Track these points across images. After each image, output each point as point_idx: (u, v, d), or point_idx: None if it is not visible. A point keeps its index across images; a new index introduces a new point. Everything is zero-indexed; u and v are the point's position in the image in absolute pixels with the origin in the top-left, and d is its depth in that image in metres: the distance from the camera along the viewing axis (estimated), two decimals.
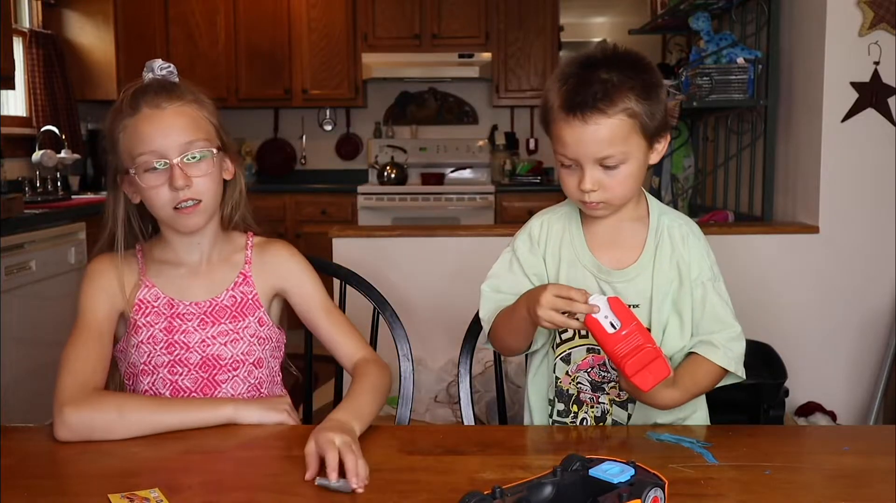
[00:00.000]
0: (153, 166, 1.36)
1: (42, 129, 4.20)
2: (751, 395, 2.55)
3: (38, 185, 4.17)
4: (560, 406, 1.47)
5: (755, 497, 1.10)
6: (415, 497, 1.09)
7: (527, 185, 5.28)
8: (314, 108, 5.65)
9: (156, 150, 1.36)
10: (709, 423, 1.50)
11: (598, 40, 7.72)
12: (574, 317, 1.25)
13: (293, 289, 1.50)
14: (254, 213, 1.53)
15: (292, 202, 5.07)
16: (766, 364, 2.70)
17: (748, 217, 3.43)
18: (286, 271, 1.51)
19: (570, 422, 1.45)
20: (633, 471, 1.00)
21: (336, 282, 1.76)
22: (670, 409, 1.37)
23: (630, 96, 1.30)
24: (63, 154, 4.24)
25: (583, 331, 1.40)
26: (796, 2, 3.13)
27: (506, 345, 1.46)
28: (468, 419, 1.57)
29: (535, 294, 1.29)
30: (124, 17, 4.67)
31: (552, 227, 1.47)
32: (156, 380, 1.43)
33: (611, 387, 1.44)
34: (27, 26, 4.32)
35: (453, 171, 5.63)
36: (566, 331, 1.42)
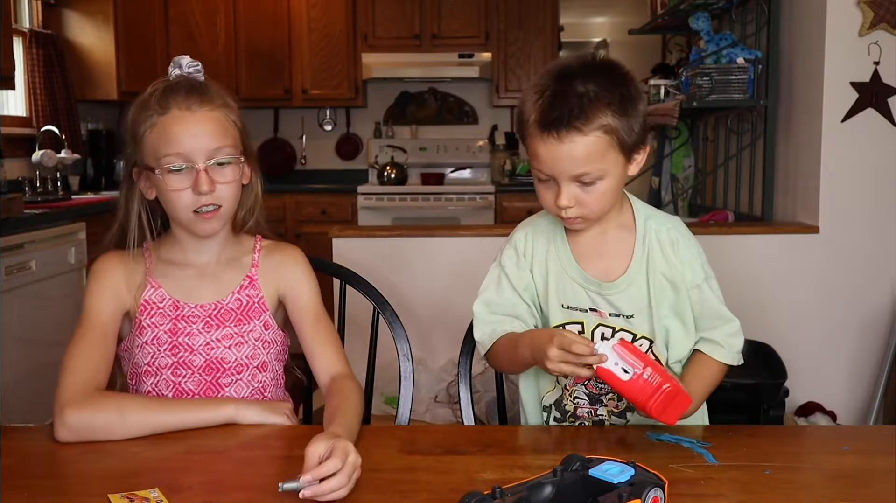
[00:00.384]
0: (178, 168, 1.35)
1: (42, 129, 4.20)
2: (751, 395, 2.54)
3: (38, 185, 4.17)
4: (556, 414, 1.46)
5: (755, 497, 1.10)
6: (415, 497, 1.09)
7: (527, 185, 5.27)
8: (314, 108, 5.65)
9: (183, 152, 1.35)
10: (707, 422, 1.50)
11: (597, 40, 7.73)
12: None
13: (289, 293, 1.50)
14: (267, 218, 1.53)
15: (292, 202, 5.07)
16: (766, 364, 2.70)
17: (748, 217, 3.43)
18: (288, 274, 1.50)
19: None
20: (633, 471, 1.00)
21: (336, 282, 1.76)
22: None
23: (607, 112, 1.26)
24: (63, 154, 4.24)
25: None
26: (796, 2, 3.13)
27: (507, 371, 1.50)
28: (468, 419, 1.57)
29: (541, 344, 1.25)
30: (124, 17, 4.67)
31: (537, 239, 1.45)
32: (159, 381, 1.43)
33: (608, 399, 1.43)
34: (27, 26, 4.32)
35: (453, 171, 5.63)
36: None
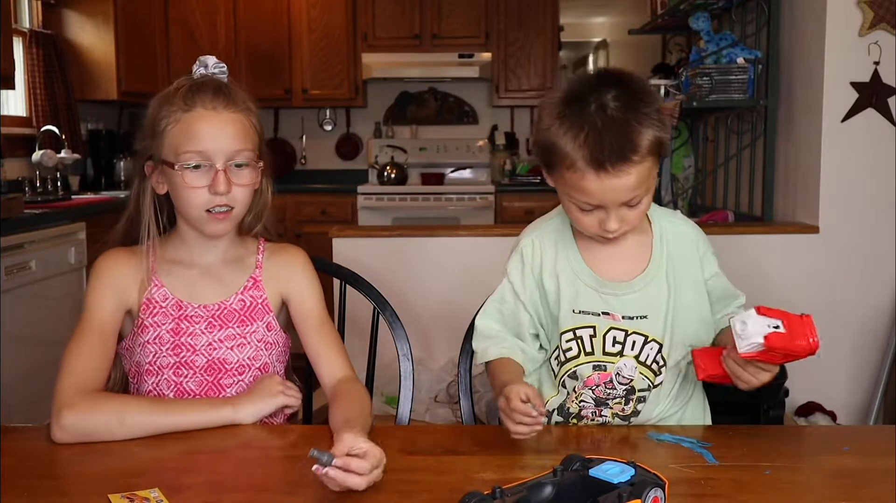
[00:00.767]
0: (197, 166, 1.35)
1: (42, 129, 4.20)
2: (751, 395, 2.53)
3: (38, 185, 4.17)
4: (558, 418, 1.46)
5: (755, 497, 1.10)
6: (415, 497, 1.09)
7: (527, 185, 5.28)
8: (314, 108, 5.65)
9: (204, 151, 1.35)
10: (710, 422, 1.50)
11: (597, 40, 7.74)
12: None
13: (293, 295, 1.49)
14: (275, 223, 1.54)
15: (292, 202, 5.07)
16: None
17: (748, 217, 3.43)
18: (292, 276, 1.50)
19: None
20: (633, 471, 1.00)
21: (336, 282, 1.76)
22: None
23: (650, 131, 1.25)
24: (63, 154, 4.24)
25: (587, 348, 1.40)
26: (796, 2, 3.13)
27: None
28: (468, 419, 1.57)
29: (505, 390, 1.24)
30: (124, 17, 4.67)
31: (545, 245, 1.44)
32: (160, 381, 1.42)
33: (615, 403, 1.43)
34: (27, 26, 4.32)
35: (453, 171, 5.63)
36: (570, 349, 1.42)
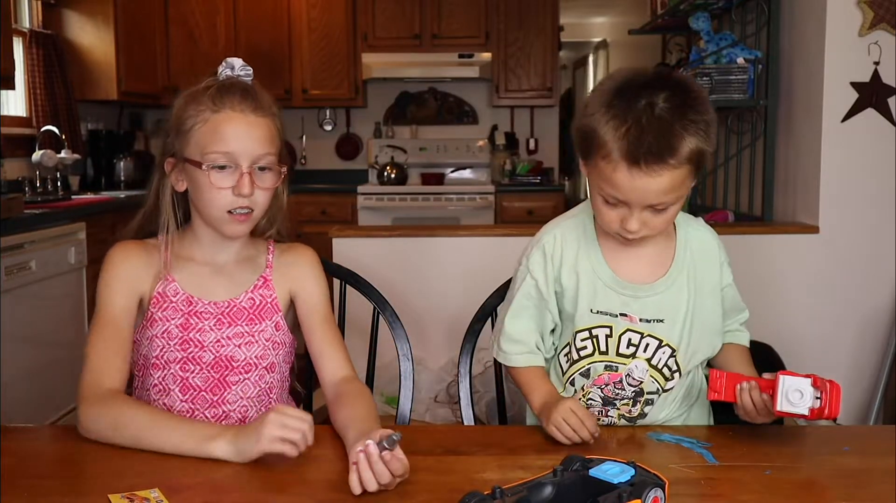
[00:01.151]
0: (222, 166, 1.36)
1: (42, 129, 4.20)
2: None
3: (38, 185, 4.17)
4: None
5: (755, 497, 1.10)
6: (415, 497, 1.09)
7: (527, 185, 5.28)
8: (314, 108, 5.65)
9: (230, 152, 1.36)
10: (712, 422, 1.50)
11: (597, 40, 7.74)
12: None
13: (301, 292, 1.50)
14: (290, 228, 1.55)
15: (292, 202, 5.01)
16: (766, 364, 2.69)
17: (748, 217, 3.43)
18: (300, 274, 1.51)
19: None
20: (633, 471, 1.00)
21: (336, 282, 1.76)
22: None
23: (693, 140, 1.23)
24: (63, 154, 4.24)
25: (602, 348, 1.41)
26: (796, 2, 3.13)
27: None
28: (468, 419, 1.57)
29: (553, 406, 1.29)
30: (124, 17, 4.67)
31: (566, 240, 1.43)
32: (166, 375, 1.42)
33: (622, 404, 1.43)
34: (27, 26, 4.32)
35: (453, 171, 5.63)
36: (585, 348, 1.42)
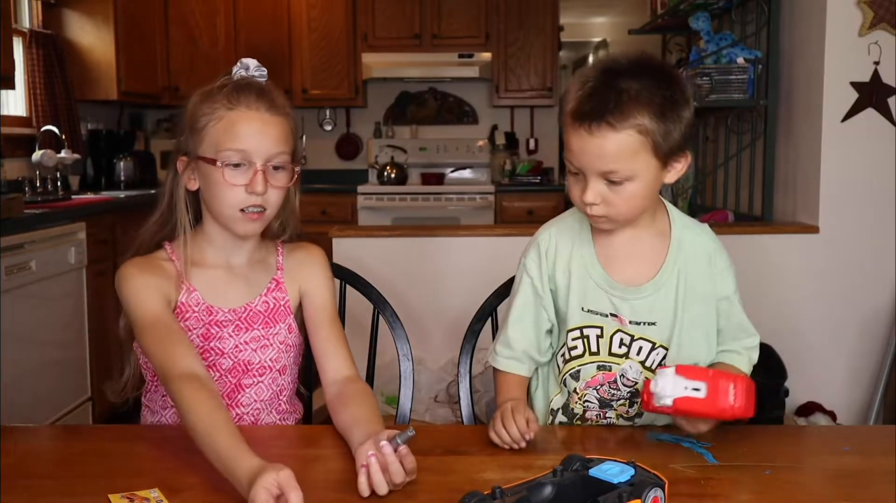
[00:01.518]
0: (236, 164, 1.35)
1: (42, 129, 4.19)
2: None
3: (38, 185, 4.17)
4: (563, 419, 1.46)
5: (755, 497, 1.10)
6: (415, 497, 1.09)
7: (527, 185, 5.28)
8: (314, 108, 5.65)
9: (245, 150, 1.35)
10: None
11: (597, 40, 7.73)
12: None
13: (309, 292, 1.50)
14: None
15: (294, 206, 5.06)
16: (766, 364, 2.70)
17: (748, 217, 3.43)
18: (310, 273, 1.51)
19: None
20: (633, 471, 1.00)
21: (336, 282, 1.76)
22: None
23: (645, 112, 1.23)
24: (63, 154, 4.24)
25: (593, 348, 1.40)
26: (796, 2, 3.13)
27: None
28: (468, 419, 1.57)
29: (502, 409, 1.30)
30: (124, 17, 4.67)
31: (561, 239, 1.43)
32: None
33: (619, 405, 1.42)
34: (27, 26, 4.32)
35: (453, 171, 5.63)
36: (576, 348, 1.41)
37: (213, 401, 1.19)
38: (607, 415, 1.43)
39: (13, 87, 3.78)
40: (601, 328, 1.39)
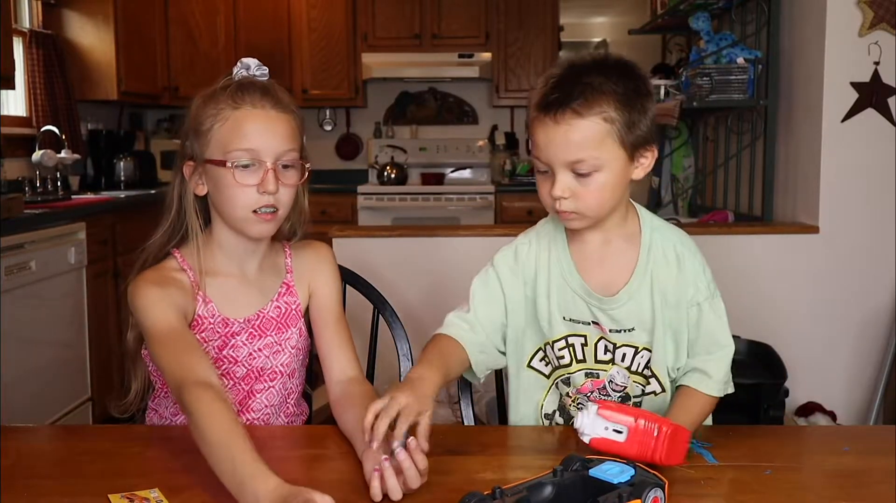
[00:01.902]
0: (246, 164, 1.33)
1: (42, 129, 4.19)
2: (751, 395, 2.54)
3: (38, 185, 4.17)
4: (560, 420, 1.46)
5: (755, 497, 1.10)
6: (415, 497, 1.09)
7: (527, 185, 5.27)
8: (314, 108, 5.65)
9: (254, 149, 1.33)
10: (711, 422, 1.50)
11: (597, 40, 7.73)
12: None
13: (316, 291, 1.49)
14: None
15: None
16: (766, 364, 2.70)
17: (748, 217, 3.43)
18: (317, 273, 1.50)
19: None
20: (633, 471, 1.00)
21: None
22: None
23: (609, 101, 1.24)
24: (63, 154, 4.24)
25: (580, 356, 1.39)
26: (796, 2, 3.13)
27: None
28: (468, 419, 1.57)
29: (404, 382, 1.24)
30: (124, 17, 4.67)
31: (540, 246, 1.42)
32: None
33: None
34: (27, 26, 4.32)
35: (453, 171, 5.63)
36: (563, 357, 1.40)
37: (230, 413, 1.16)
38: None
39: (13, 87, 3.78)
40: (585, 336, 1.39)
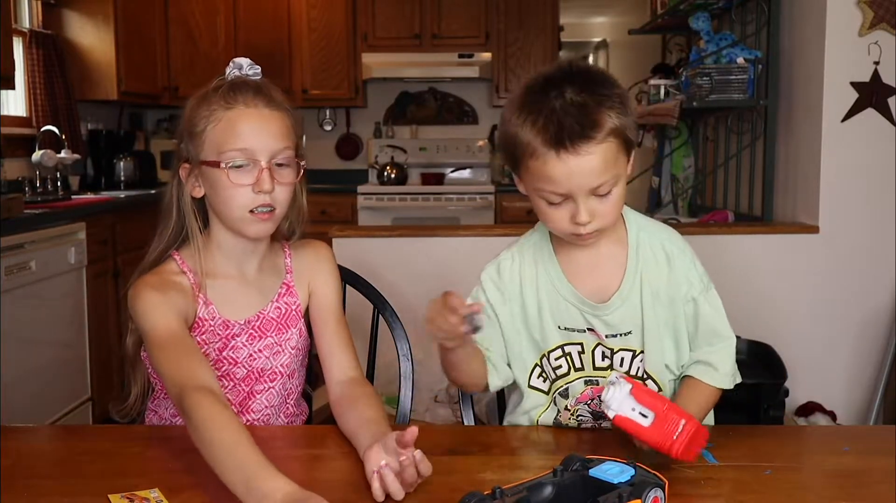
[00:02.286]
0: (241, 164, 1.33)
1: (42, 129, 4.20)
2: (751, 395, 2.55)
3: (38, 185, 4.17)
4: None
5: (755, 497, 1.10)
6: (415, 497, 1.09)
7: None
8: (314, 108, 5.65)
9: (248, 148, 1.33)
10: (713, 422, 1.50)
11: (597, 40, 7.74)
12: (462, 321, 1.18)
13: (316, 291, 1.49)
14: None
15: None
16: (766, 364, 2.70)
17: (748, 217, 3.43)
18: (317, 273, 1.50)
19: None
20: (633, 471, 1.00)
21: None
22: None
23: (611, 114, 1.22)
24: (63, 154, 4.24)
25: (577, 365, 1.39)
26: (796, 2, 3.13)
27: (455, 381, 1.42)
28: (468, 419, 1.57)
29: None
30: (124, 17, 4.67)
31: (525, 260, 1.40)
32: None
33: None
34: (27, 26, 4.32)
35: (453, 171, 5.63)
36: (560, 367, 1.40)
37: (235, 417, 1.15)
38: (602, 425, 1.41)
39: (13, 87, 3.78)
40: (581, 344, 1.38)
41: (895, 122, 2.92)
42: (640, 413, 1.14)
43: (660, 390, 1.39)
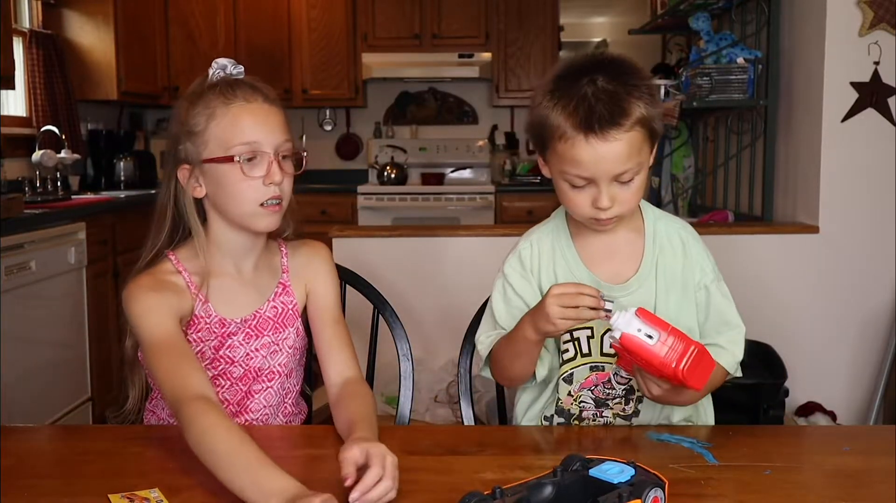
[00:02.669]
0: (249, 157, 1.33)
1: (42, 129, 4.19)
2: (751, 395, 2.55)
3: (38, 185, 4.17)
4: (560, 420, 1.45)
5: (755, 497, 1.10)
6: (415, 497, 1.09)
7: (527, 185, 5.27)
8: (314, 108, 5.65)
9: (255, 141, 1.33)
10: (713, 422, 1.50)
11: (598, 40, 7.73)
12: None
13: (314, 291, 1.49)
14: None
15: (292, 202, 5.06)
16: (766, 364, 2.70)
17: (748, 217, 3.43)
18: (315, 272, 1.49)
19: None
20: (633, 471, 1.00)
21: None
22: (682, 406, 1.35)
23: (640, 104, 1.25)
24: (63, 154, 4.24)
25: (584, 350, 1.40)
26: (796, 2, 3.13)
27: (510, 374, 1.41)
28: (468, 419, 1.57)
29: (539, 305, 1.25)
30: (124, 17, 4.67)
31: (542, 247, 1.43)
32: None
33: (615, 403, 1.42)
34: (27, 26, 4.32)
35: (453, 171, 5.63)
36: (567, 351, 1.41)
37: (232, 424, 1.15)
38: (604, 413, 1.43)
39: (13, 87, 3.78)
40: (591, 328, 1.39)
41: (895, 122, 2.92)
42: (646, 334, 1.16)
43: None
